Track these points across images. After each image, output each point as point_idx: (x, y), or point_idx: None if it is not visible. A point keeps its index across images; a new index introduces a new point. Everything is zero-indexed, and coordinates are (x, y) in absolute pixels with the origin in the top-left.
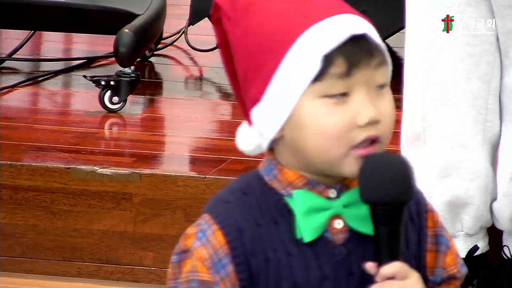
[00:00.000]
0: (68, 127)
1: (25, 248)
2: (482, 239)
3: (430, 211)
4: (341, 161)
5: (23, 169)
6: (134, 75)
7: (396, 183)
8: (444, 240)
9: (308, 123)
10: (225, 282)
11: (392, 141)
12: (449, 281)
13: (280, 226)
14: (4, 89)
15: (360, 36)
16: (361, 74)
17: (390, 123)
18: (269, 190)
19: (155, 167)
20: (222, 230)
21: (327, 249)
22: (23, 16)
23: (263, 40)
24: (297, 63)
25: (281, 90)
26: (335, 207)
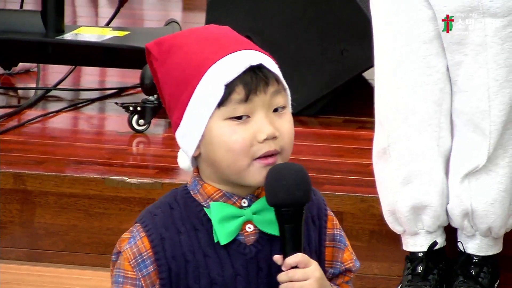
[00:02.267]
0: (103, 144)
1: (67, 244)
2: (440, 236)
3: (330, 215)
4: (246, 171)
5: (66, 179)
6: (156, 102)
7: (296, 187)
8: (342, 240)
9: (216, 141)
10: (146, 279)
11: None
12: (345, 273)
13: (199, 233)
14: (50, 113)
15: (257, 67)
16: (259, 99)
17: (288, 138)
18: (192, 203)
19: (174, 178)
20: (148, 237)
21: (239, 249)
22: (66, 54)
23: (180, 75)
24: (205, 91)
25: (194, 115)
26: (246, 214)
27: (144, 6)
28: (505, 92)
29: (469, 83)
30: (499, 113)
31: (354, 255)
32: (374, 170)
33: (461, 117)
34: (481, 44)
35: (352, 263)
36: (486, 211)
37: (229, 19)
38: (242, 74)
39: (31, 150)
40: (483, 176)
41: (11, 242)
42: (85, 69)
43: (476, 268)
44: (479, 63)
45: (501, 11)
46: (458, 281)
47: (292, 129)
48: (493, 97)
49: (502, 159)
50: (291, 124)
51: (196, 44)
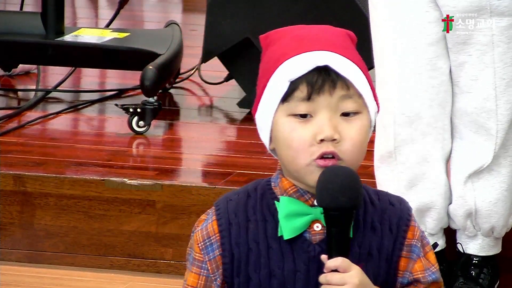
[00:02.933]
0: (103, 146)
1: (67, 245)
2: (441, 238)
3: (412, 226)
4: (305, 170)
5: (66, 181)
6: (156, 104)
7: (340, 192)
8: (416, 250)
9: (280, 137)
10: (212, 263)
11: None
12: (415, 284)
13: (268, 224)
14: (50, 115)
15: (325, 68)
16: (322, 99)
17: (351, 144)
18: (270, 194)
19: (174, 179)
20: (217, 221)
21: (303, 246)
22: (66, 56)
23: (264, 67)
24: (273, 86)
25: (264, 108)
26: (314, 213)
27: (144, 8)
28: (511, 90)
29: (473, 83)
30: (505, 112)
31: (433, 267)
32: (376, 173)
33: (462, 118)
34: (488, 43)
35: (423, 274)
36: (490, 211)
37: (229, 21)
38: (309, 73)
39: (31, 152)
40: (486, 176)
41: (11, 244)
42: (85, 70)
43: (476, 269)
44: (485, 63)
45: (508, 10)
46: (458, 282)
47: (361, 136)
48: (500, 96)
49: (504, 158)
50: (359, 131)
51: (287, 40)
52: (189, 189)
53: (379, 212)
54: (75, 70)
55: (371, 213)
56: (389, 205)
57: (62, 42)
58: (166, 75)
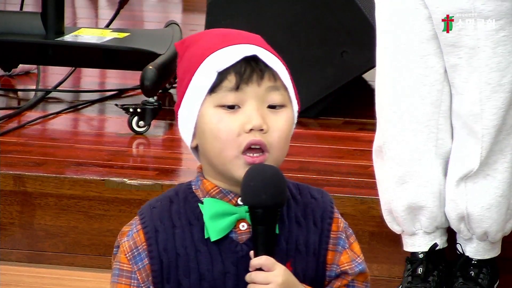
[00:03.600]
0: (103, 146)
1: (67, 245)
2: (440, 237)
3: (336, 217)
4: (233, 163)
5: (66, 181)
6: (156, 104)
7: (262, 190)
8: (342, 242)
9: (206, 129)
10: (141, 272)
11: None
12: (343, 276)
13: (193, 228)
14: (50, 115)
15: (253, 59)
16: (251, 90)
17: (278, 135)
18: (192, 198)
19: (173, 179)
20: (143, 230)
21: (231, 247)
22: (66, 56)
23: (186, 64)
24: (200, 78)
25: (189, 101)
26: (239, 212)
27: (144, 8)
28: (497, 96)
29: (464, 86)
30: (491, 117)
31: (358, 258)
32: (374, 167)
33: (458, 120)
34: (474, 47)
35: (350, 265)
36: (482, 216)
37: (229, 21)
38: (237, 64)
39: (31, 152)
40: (481, 181)
41: (11, 244)
42: (85, 70)
43: (475, 270)
44: (473, 66)
45: (494, 14)
46: (457, 283)
47: (286, 128)
48: (485, 101)
49: (501, 164)
50: (286, 123)
51: (207, 38)
52: None
53: (302, 206)
54: (75, 70)
55: (294, 208)
56: (311, 199)
57: (62, 42)
58: (166, 75)
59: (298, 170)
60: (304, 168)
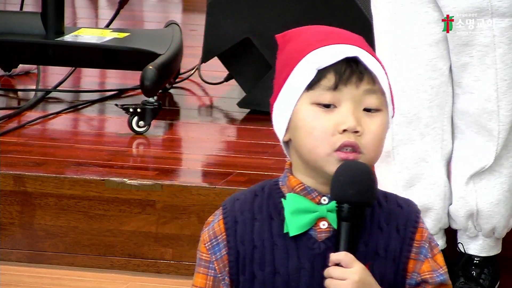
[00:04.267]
0: (103, 146)
1: (67, 245)
2: (441, 238)
3: (420, 227)
4: (325, 160)
5: (66, 181)
6: (156, 104)
7: (349, 185)
8: (424, 251)
9: (301, 125)
10: (219, 262)
11: None
12: (423, 286)
13: (273, 222)
14: (50, 115)
15: (354, 61)
16: (348, 91)
17: (371, 138)
18: (277, 194)
19: (174, 179)
20: (223, 220)
21: (308, 244)
22: (66, 56)
23: (286, 58)
24: (298, 74)
25: (286, 96)
26: (320, 211)
27: (144, 8)
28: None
29: (475, 84)
30: (507, 113)
31: (441, 269)
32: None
33: (464, 119)
34: (489, 44)
35: (430, 275)
36: (491, 211)
37: (229, 21)
38: (337, 63)
39: (31, 152)
40: (488, 177)
41: (11, 244)
42: (85, 70)
43: (477, 269)
44: (487, 64)
45: (509, 11)
46: (459, 282)
47: (380, 132)
48: (501, 97)
49: (506, 159)
50: (380, 128)
51: (309, 34)
52: (189, 189)
53: (386, 213)
54: (75, 70)
55: (378, 214)
56: (397, 207)
57: (62, 42)
58: (166, 75)
59: None
60: None
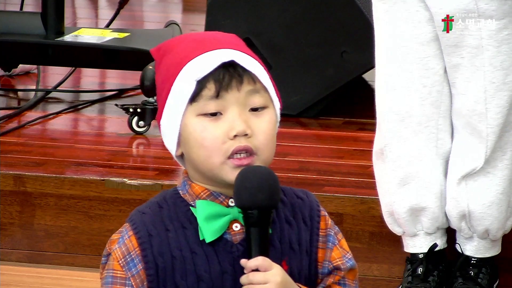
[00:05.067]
0: (103, 146)
1: (67, 246)
2: (440, 238)
3: (323, 215)
4: (220, 169)
5: (66, 181)
6: (156, 104)
7: (258, 191)
8: (331, 239)
9: (191, 138)
10: (135, 278)
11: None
12: (335, 272)
13: (187, 231)
14: (50, 115)
15: (231, 65)
16: (231, 96)
17: (263, 138)
18: (181, 202)
19: (174, 179)
20: (135, 235)
21: (226, 248)
22: (66, 56)
23: (164, 74)
24: (179, 88)
25: (171, 111)
26: (232, 213)
27: (144, 8)
28: (501, 94)
29: (466, 85)
30: (495, 115)
31: (348, 254)
32: (374, 170)
33: (459, 119)
34: (477, 47)
35: (341, 261)
36: (483, 213)
37: (229, 21)
38: (215, 71)
39: (31, 152)
40: (481, 178)
41: (11, 244)
42: (85, 70)
43: (474, 269)
44: (476, 66)
45: (497, 14)
46: (457, 283)
47: (271, 129)
48: (490, 100)
49: (501, 161)
50: (269, 124)
51: (183, 45)
52: None
53: (289, 207)
54: (75, 70)
55: (282, 209)
56: (297, 199)
57: (62, 42)
58: None
59: (298, 170)
60: (304, 168)
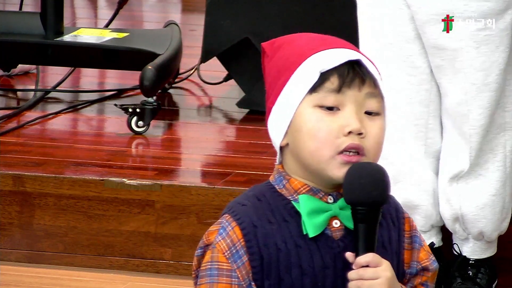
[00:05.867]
0: (102, 146)
1: (67, 245)
2: (435, 236)
3: (407, 217)
4: (328, 163)
5: (65, 181)
6: (155, 104)
7: (372, 188)
8: (418, 240)
9: (303, 127)
10: (241, 270)
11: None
12: (422, 273)
13: (289, 224)
14: (49, 115)
15: (356, 64)
16: (351, 93)
17: (374, 141)
18: (279, 197)
19: (173, 179)
20: (239, 226)
21: (327, 243)
22: (65, 56)
23: (283, 63)
24: (300, 77)
25: (287, 99)
26: (333, 209)
27: (143, 8)
28: (483, 95)
29: (449, 87)
30: (478, 117)
31: (431, 255)
32: None
33: (448, 119)
34: (457, 49)
35: (429, 261)
36: (476, 216)
37: (228, 21)
38: (340, 66)
39: (31, 152)
40: (473, 181)
41: (11, 244)
42: (84, 70)
43: (473, 269)
44: (456, 68)
45: (476, 15)
46: (456, 283)
47: (381, 136)
48: (471, 101)
49: (492, 163)
50: (381, 131)
51: (304, 40)
52: (188, 189)
53: None
54: (74, 70)
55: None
56: None
57: (61, 42)
58: (165, 75)
59: None
60: None
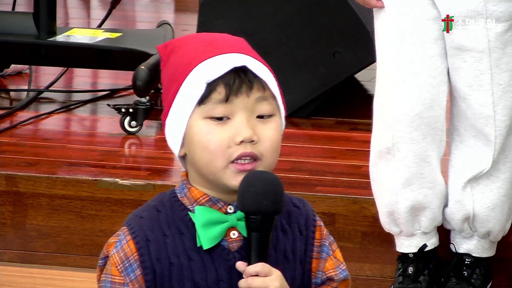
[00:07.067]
0: (95, 146)
1: (60, 246)
2: (434, 236)
3: (319, 225)
4: (223, 173)
5: (58, 181)
6: (148, 104)
7: (264, 196)
8: (326, 249)
9: (195, 140)
10: (134, 283)
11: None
12: (328, 283)
13: (184, 236)
14: (42, 115)
15: (242, 70)
16: (239, 101)
17: (269, 145)
18: (179, 206)
19: (166, 179)
20: (133, 240)
21: (223, 255)
22: (58, 56)
23: (172, 73)
24: (188, 89)
25: (178, 111)
26: (230, 220)
27: (136, 8)
28: (508, 96)
29: (467, 90)
30: (503, 117)
31: (342, 264)
32: (373, 170)
33: (463, 121)
34: (484, 50)
35: (335, 272)
36: (487, 216)
37: (221, 21)
38: (226, 75)
39: (23, 152)
40: (484, 181)
41: (3, 244)
42: (77, 70)
43: (468, 270)
44: (480, 70)
45: (504, 15)
46: (450, 283)
47: (276, 137)
48: (497, 102)
49: (503, 164)
50: (275, 132)
51: (193, 45)
52: None
53: (286, 215)
54: (67, 70)
55: (279, 216)
56: (294, 207)
57: (54, 42)
58: (158, 75)
59: (290, 170)
60: (296, 168)
